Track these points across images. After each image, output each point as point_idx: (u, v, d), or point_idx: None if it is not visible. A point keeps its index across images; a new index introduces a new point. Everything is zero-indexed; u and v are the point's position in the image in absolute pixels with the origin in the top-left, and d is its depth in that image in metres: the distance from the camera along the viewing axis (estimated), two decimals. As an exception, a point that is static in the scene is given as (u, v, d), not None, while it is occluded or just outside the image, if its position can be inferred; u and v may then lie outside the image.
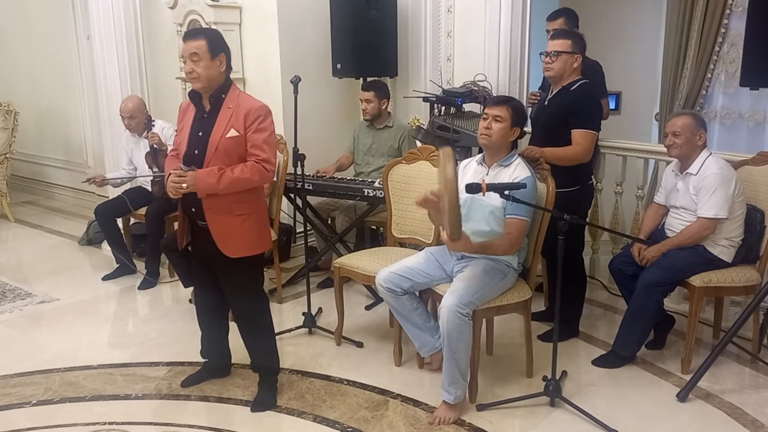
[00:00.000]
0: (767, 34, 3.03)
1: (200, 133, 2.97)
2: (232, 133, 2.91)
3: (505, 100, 3.30)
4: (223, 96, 2.97)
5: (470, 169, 3.38)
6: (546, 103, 3.79)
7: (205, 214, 2.96)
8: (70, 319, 4.38)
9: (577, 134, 3.56)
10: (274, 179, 4.35)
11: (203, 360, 3.52)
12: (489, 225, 3.18)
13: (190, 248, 3.29)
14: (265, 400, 3.25)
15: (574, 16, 4.39)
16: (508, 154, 3.27)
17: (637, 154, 4.47)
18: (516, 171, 3.20)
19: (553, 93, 3.73)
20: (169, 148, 4.78)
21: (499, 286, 3.19)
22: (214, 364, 3.49)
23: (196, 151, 2.96)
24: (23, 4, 7.69)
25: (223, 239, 2.98)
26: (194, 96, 3.02)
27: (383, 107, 4.73)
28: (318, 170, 4.78)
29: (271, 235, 3.23)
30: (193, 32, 2.98)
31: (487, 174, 3.27)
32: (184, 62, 2.92)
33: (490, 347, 3.75)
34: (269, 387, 3.30)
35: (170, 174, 2.92)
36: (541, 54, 3.72)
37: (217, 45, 2.93)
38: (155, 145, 4.73)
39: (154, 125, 4.86)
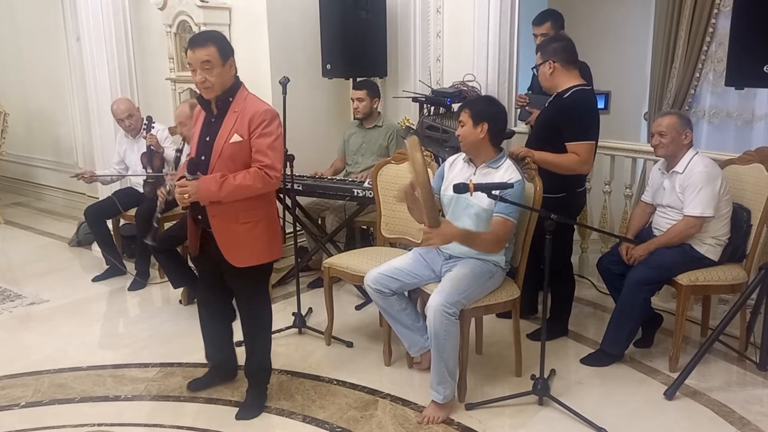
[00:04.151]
0: (751, 34, 3.06)
1: (207, 138, 2.88)
2: (236, 138, 2.80)
3: (463, 105, 3.29)
4: (231, 99, 2.86)
5: (456, 167, 3.37)
6: (546, 105, 3.75)
7: (210, 222, 2.88)
8: (60, 320, 4.37)
9: (572, 146, 3.47)
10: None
11: (193, 362, 3.52)
12: (476, 226, 3.16)
13: (179, 249, 3.27)
14: (252, 408, 3.19)
15: (559, 18, 4.39)
16: (496, 155, 3.22)
17: (625, 154, 4.50)
18: (507, 173, 3.15)
19: (552, 98, 3.68)
20: (165, 150, 4.79)
21: (487, 285, 3.20)
22: (220, 369, 3.43)
23: (203, 157, 2.88)
24: (12, 5, 7.66)
25: (229, 248, 2.89)
26: (203, 101, 2.92)
27: (374, 106, 4.76)
28: (316, 172, 4.79)
29: (281, 243, 3.09)
30: (200, 39, 2.84)
31: (474, 174, 3.25)
32: (193, 71, 2.79)
33: (480, 346, 3.77)
34: (259, 394, 3.24)
35: (177, 180, 2.87)
36: None
37: (226, 48, 2.83)
38: (152, 147, 4.73)
39: (154, 126, 4.86)
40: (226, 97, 2.85)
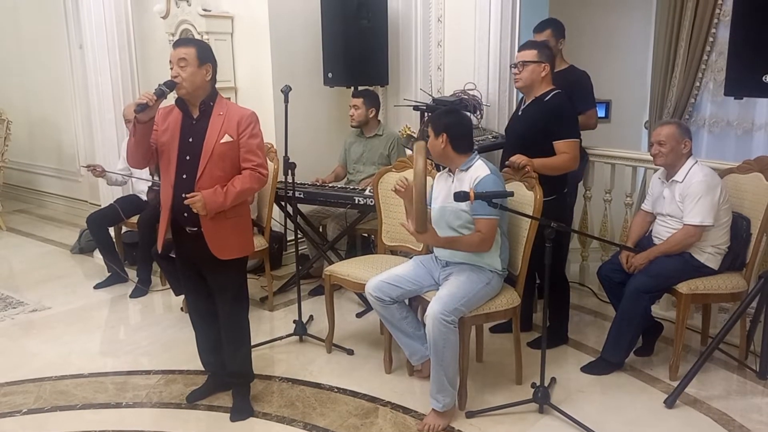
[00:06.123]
0: (750, 44, 3.07)
1: (190, 140, 3.01)
2: (227, 138, 2.98)
3: (428, 119, 3.36)
4: (212, 104, 3.03)
5: (442, 179, 3.43)
6: (519, 113, 3.80)
7: (201, 220, 2.99)
8: (62, 327, 4.38)
9: (562, 145, 3.57)
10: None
11: (194, 369, 3.52)
12: (462, 226, 3.21)
13: (173, 255, 3.30)
14: (243, 408, 3.25)
15: (560, 26, 4.41)
16: (468, 159, 3.28)
17: (625, 162, 4.51)
18: (477, 171, 3.21)
19: (527, 103, 3.73)
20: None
21: (485, 292, 3.21)
22: (218, 377, 3.43)
23: (188, 157, 3.00)
24: (16, 13, 7.72)
25: (217, 243, 3.03)
26: (181, 103, 3.06)
27: (370, 115, 4.78)
28: (317, 179, 4.81)
29: (253, 238, 3.37)
30: (183, 40, 3.09)
31: (452, 181, 3.31)
32: (171, 68, 2.98)
33: (480, 354, 3.78)
34: (245, 394, 3.31)
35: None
36: (510, 66, 3.74)
37: (205, 54, 3.00)
38: None
39: None
40: (207, 101, 3.03)
